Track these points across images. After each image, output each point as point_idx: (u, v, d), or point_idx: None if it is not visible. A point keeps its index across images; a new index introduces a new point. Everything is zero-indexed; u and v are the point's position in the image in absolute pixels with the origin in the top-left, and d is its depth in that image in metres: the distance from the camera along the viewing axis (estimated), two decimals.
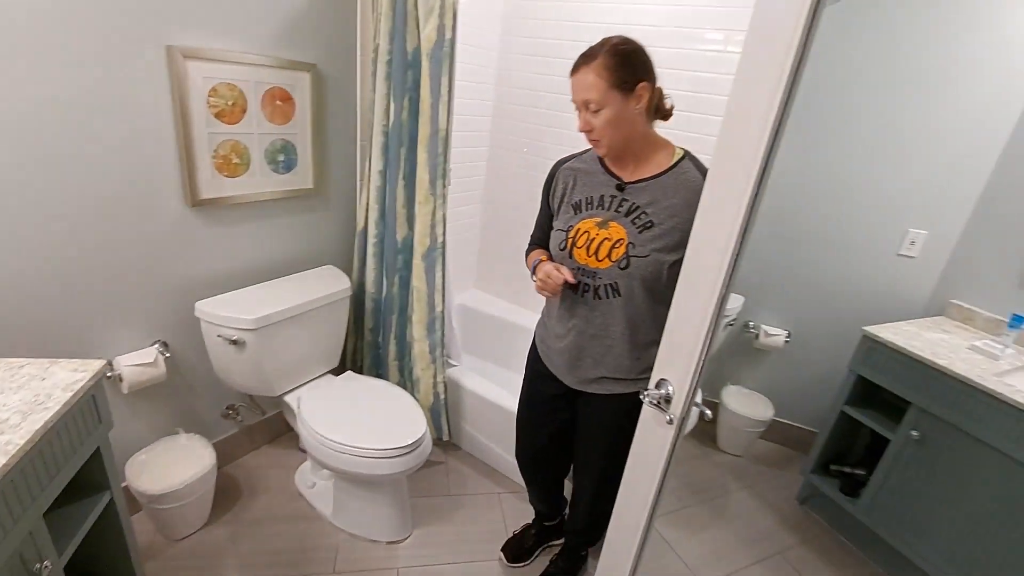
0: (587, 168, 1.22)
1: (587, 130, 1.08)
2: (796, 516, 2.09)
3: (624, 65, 1.02)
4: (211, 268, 1.68)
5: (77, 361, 1.06)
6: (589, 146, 1.16)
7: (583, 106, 1.07)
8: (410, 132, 1.82)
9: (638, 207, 1.11)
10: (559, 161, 1.29)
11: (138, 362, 1.49)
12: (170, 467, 1.56)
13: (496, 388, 2.06)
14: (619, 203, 1.13)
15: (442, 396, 2.03)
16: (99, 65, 1.29)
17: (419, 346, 1.95)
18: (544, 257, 1.26)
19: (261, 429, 2.05)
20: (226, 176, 1.61)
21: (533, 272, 1.24)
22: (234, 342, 1.58)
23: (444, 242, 1.85)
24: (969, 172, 1.88)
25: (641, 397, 1.00)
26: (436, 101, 1.69)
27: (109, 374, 1.47)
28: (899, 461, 1.69)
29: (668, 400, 0.98)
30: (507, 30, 2.38)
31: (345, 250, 2.12)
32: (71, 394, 0.97)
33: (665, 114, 1.13)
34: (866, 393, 1.86)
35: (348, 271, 2.09)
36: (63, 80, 1.24)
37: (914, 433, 1.63)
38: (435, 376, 1.99)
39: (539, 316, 1.41)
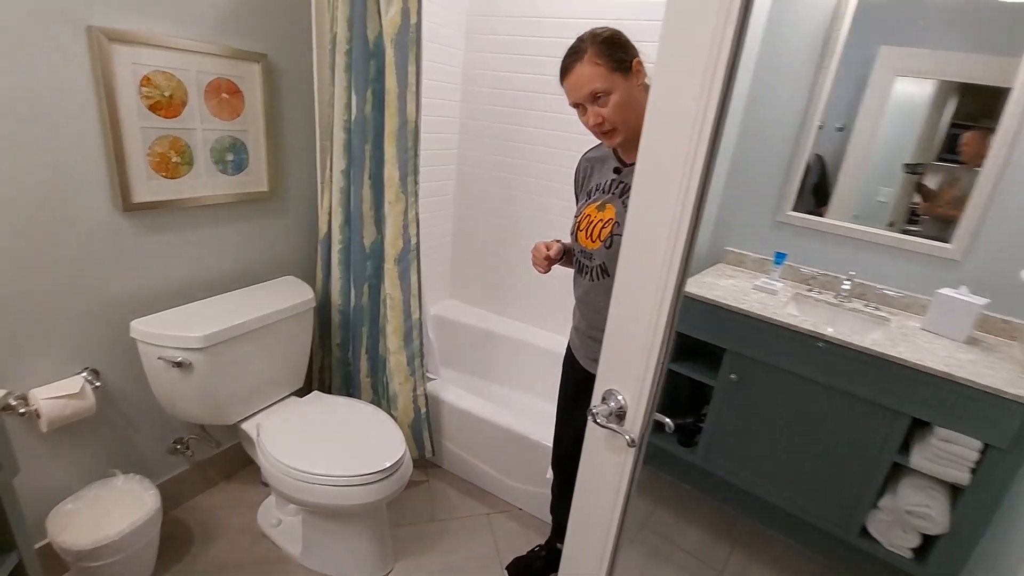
0: (601, 155, 1.22)
1: (599, 123, 1.04)
2: (644, 478, 2.08)
3: (615, 46, 1.01)
4: (149, 282, 1.47)
5: None
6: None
7: (589, 100, 1.03)
8: (375, 127, 1.67)
9: (630, 187, 1.01)
10: (583, 154, 1.29)
11: (59, 394, 1.27)
12: (104, 516, 1.33)
13: (480, 401, 1.90)
14: (616, 185, 1.14)
15: (423, 410, 1.86)
16: (3, 49, 1.09)
17: (396, 358, 1.77)
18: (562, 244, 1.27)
19: (216, 464, 1.82)
20: (164, 176, 1.42)
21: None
22: (178, 364, 1.37)
23: (418, 243, 1.70)
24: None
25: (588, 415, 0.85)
26: (403, 91, 1.55)
27: (22, 410, 1.24)
28: (723, 404, 1.79)
29: (621, 416, 0.82)
30: (472, 27, 2.27)
31: (307, 259, 1.93)
32: None
33: None
34: (685, 348, 1.88)
35: (311, 282, 1.90)
36: None
37: (733, 376, 1.73)
38: (415, 389, 1.82)
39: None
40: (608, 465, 0.86)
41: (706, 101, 0.64)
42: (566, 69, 1.04)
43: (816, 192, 1.94)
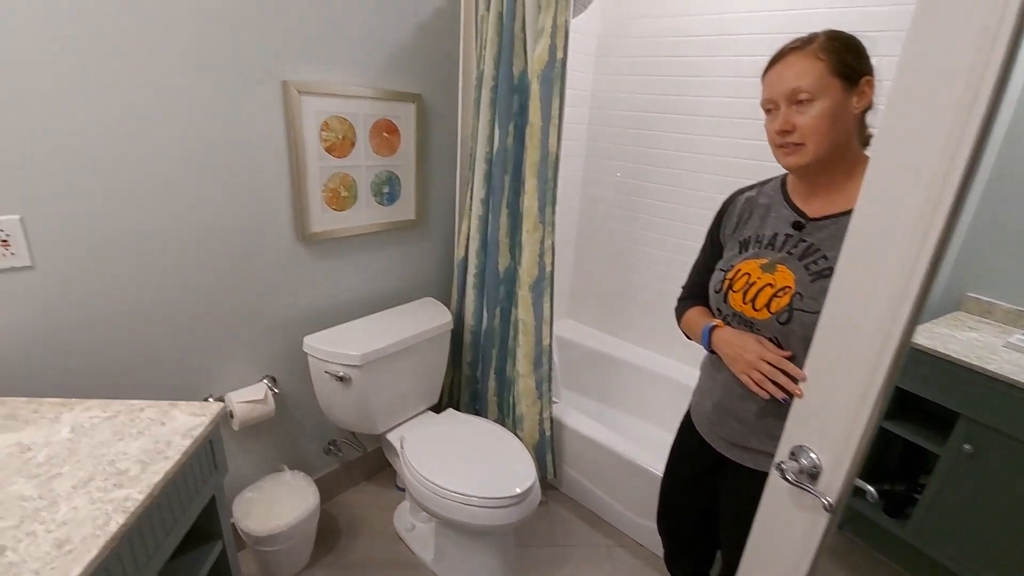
0: (766, 200, 1.02)
1: (786, 130, 0.86)
2: (837, 543, 1.80)
3: (850, 49, 0.84)
4: (317, 302, 1.66)
5: (196, 404, 1.02)
6: (763, 180, 0.99)
7: (787, 99, 0.85)
8: (515, 158, 1.73)
9: (817, 249, 0.90)
10: (736, 191, 1.10)
11: (249, 399, 1.48)
12: (275, 506, 1.52)
13: (602, 428, 1.89)
14: (794, 243, 0.93)
15: (548, 433, 1.89)
16: (220, 103, 1.31)
17: (524, 382, 1.82)
18: (717, 321, 1.04)
19: (360, 465, 2.00)
20: (334, 209, 1.60)
21: (705, 341, 1.04)
22: (340, 378, 1.53)
23: (552, 272, 1.73)
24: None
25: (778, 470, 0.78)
26: (547, 125, 1.59)
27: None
28: (950, 477, 1.53)
29: (814, 476, 0.75)
30: (602, 49, 2.28)
31: (444, 281, 2.06)
32: (190, 441, 0.93)
33: (866, 138, 0.90)
34: (902, 403, 1.60)
35: (447, 302, 2.02)
36: (187, 119, 1.26)
37: (967, 447, 1.48)
38: (541, 412, 1.85)
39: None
40: (794, 527, 0.80)
41: (959, 138, 0.56)
42: (778, 58, 0.88)
43: None
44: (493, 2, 1.62)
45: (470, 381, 2.05)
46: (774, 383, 0.89)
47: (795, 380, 0.85)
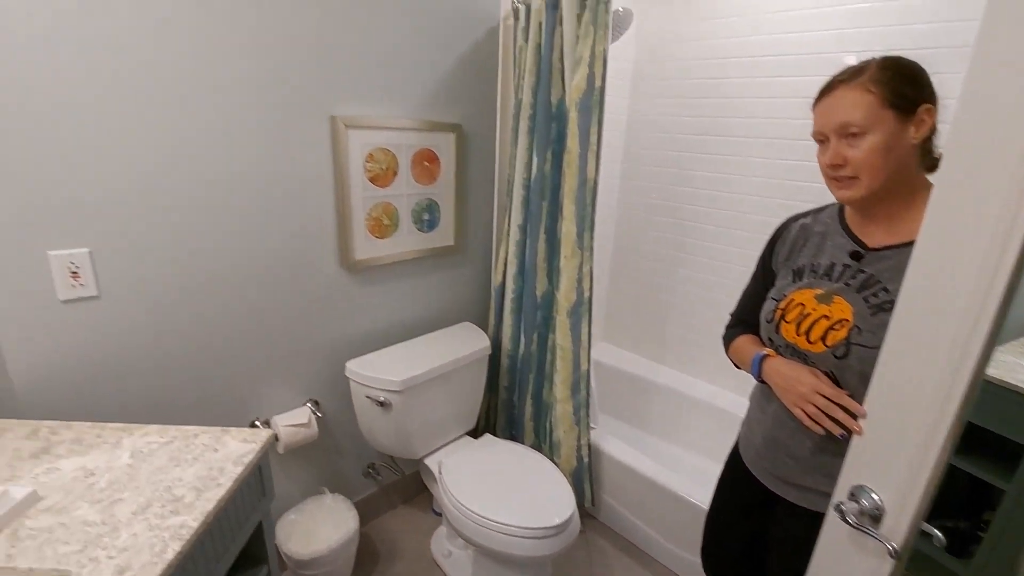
0: (823, 228, 0.98)
1: (838, 164, 0.84)
2: None
3: (903, 78, 0.80)
4: (359, 327, 1.70)
5: (247, 431, 1.05)
6: (823, 204, 0.95)
7: (837, 133, 0.83)
8: (552, 184, 1.75)
9: (877, 281, 0.86)
10: (790, 217, 1.06)
11: (294, 422, 1.52)
12: (316, 529, 1.54)
13: (642, 457, 1.84)
14: (852, 274, 0.89)
15: (586, 459, 1.86)
16: (273, 138, 1.37)
17: (562, 407, 1.81)
18: (769, 350, 1.00)
19: (398, 489, 2.01)
20: (376, 237, 1.64)
21: (755, 370, 1.01)
22: (381, 403, 1.55)
23: (591, 297, 1.72)
24: None
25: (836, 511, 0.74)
26: (584, 151, 1.60)
27: None
28: (1017, 514, 1.43)
29: (876, 518, 0.71)
30: (638, 73, 2.28)
31: (481, 306, 2.07)
32: (241, 468, 0.95)
33: (931, 163, 0.86)
34: (965, 435, 1.42)
35: (484, 326, 2.04)
36: (242, 155, 1.33)
37: None
38: (579, 439, 1.83)
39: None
40: (854, 574, 0.77)
41: None
42: (828, 89, 0.85)
43: None
44: (532, 34, 1.66)
45: (507, 405, 2.05)
46: (831, 418, 0.85)
47: (854, 416, 0.81)
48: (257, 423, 1.53)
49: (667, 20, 2.15)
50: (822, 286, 0.92)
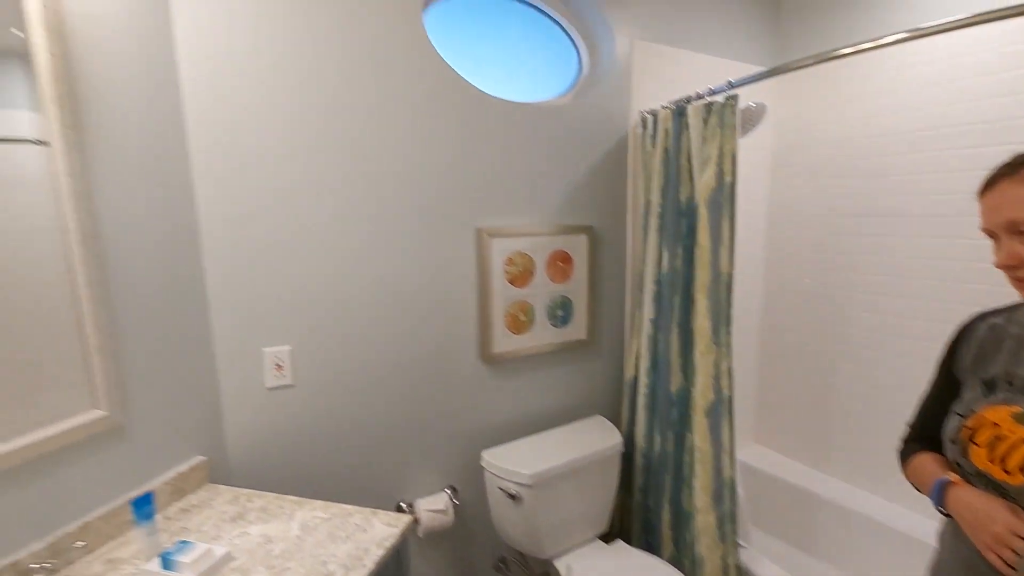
0: (1018, 330, 0.85)
1: (1013, 265, 0.77)
2: None
3: None
4: (496, 416, 1.79)
5: (392, 515, 1.16)
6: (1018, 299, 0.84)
7: (1007, 230, 0.77)
8: (684, 279, 1.74)
9: None
10: (976, 315, 0.94)
11: (434, 507, 1.61)
12: None
13: None
14: None
15: None
16: (427, 249, 1.59)
17: (703, 518, 1.66)
18: (954, 476, 0.86)
19: None
20: (513, 332, 1.76)
21: (937, 498, 0.87)
22: (512, 496, 1.58)
23: (731, 397, 1.62)
24: None
25: None
26: (716, 246, 1.59)
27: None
28: None
29: None
30: (779, 160, 2.23)
31: (613, 400, 2.05)
32: (383, 551, 1.04)
33: None
34: None
35: (616, 422, 2.00)
36: (401, 264, 1.56)
37: None
38: (726, 558, 1.64)
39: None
40: None
41: None
42: (991, 183, 0.80)
43: None
44: (659, 139, 1.75)
45: (641, 508, 1.93)
46: None
47: None
48: (403, 505, 1.65)
49: (803, 107, 2.13)
50: (1022, 403, 0.79)
